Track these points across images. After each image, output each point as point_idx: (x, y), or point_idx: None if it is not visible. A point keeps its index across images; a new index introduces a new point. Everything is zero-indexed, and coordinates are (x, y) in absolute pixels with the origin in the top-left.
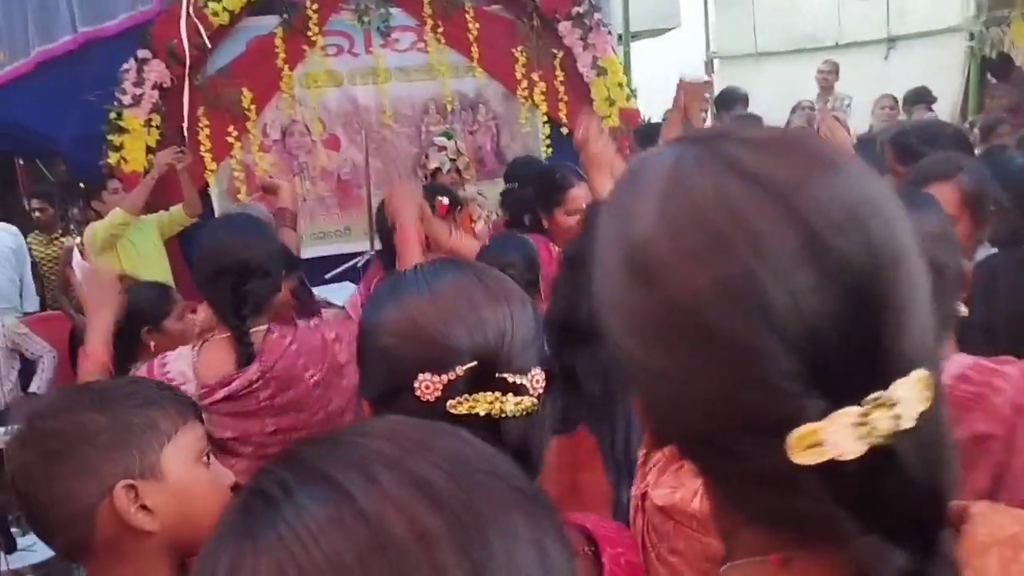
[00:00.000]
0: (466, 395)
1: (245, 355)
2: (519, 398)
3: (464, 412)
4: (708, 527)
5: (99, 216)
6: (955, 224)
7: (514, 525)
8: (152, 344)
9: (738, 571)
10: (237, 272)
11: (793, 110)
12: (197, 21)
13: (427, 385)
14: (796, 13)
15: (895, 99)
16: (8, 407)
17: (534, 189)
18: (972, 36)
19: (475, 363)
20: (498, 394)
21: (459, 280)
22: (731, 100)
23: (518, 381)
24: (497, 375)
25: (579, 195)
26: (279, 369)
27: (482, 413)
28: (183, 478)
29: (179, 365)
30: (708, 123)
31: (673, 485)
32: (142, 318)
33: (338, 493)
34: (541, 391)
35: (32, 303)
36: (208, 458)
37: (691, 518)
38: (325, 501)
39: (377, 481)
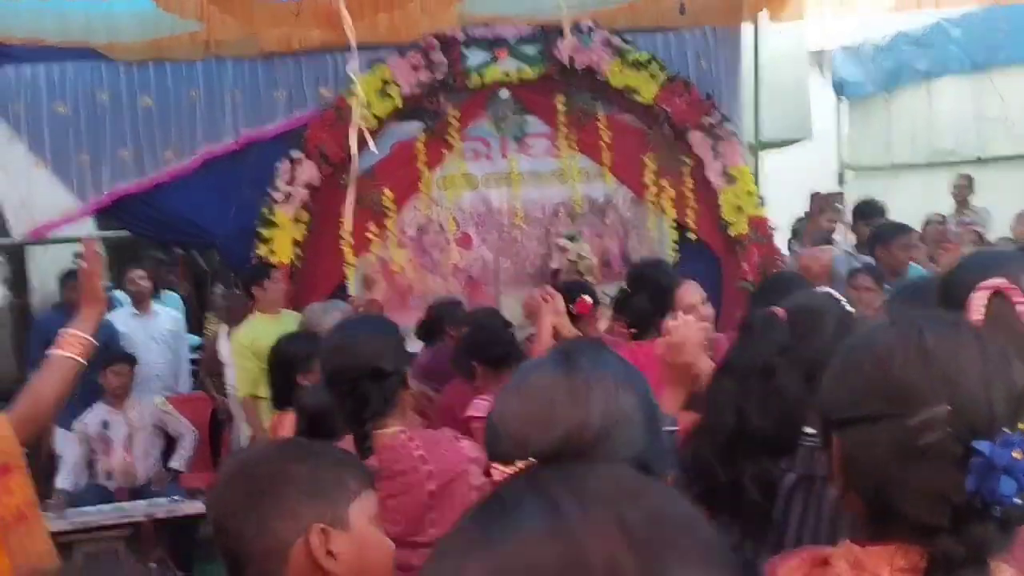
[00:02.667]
0: None
1: (362, 455)
2: None
3: None
4: None
5: (252, 301)
6: None
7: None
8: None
9: None
10: (356, 375)
11: (926, 223)
12: (358, 128)
13: (496, 473)
14: (934, 126)
15: None
16: (150, 481)
17: (646, 294)
18: None
19: (533, 460)
20: None
21: (548, 376)
22: (869, 211)
23: None
24: None
25: (686, 292)
26: (396, 470)
27: None
28: (364, 533)
29: None
30: (844, 233)
31: None
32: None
33: (555, 513)
34: None
35: (186, 384)
36: (378, 523)
37: None
38: (542, 517)
39: (589, 512)
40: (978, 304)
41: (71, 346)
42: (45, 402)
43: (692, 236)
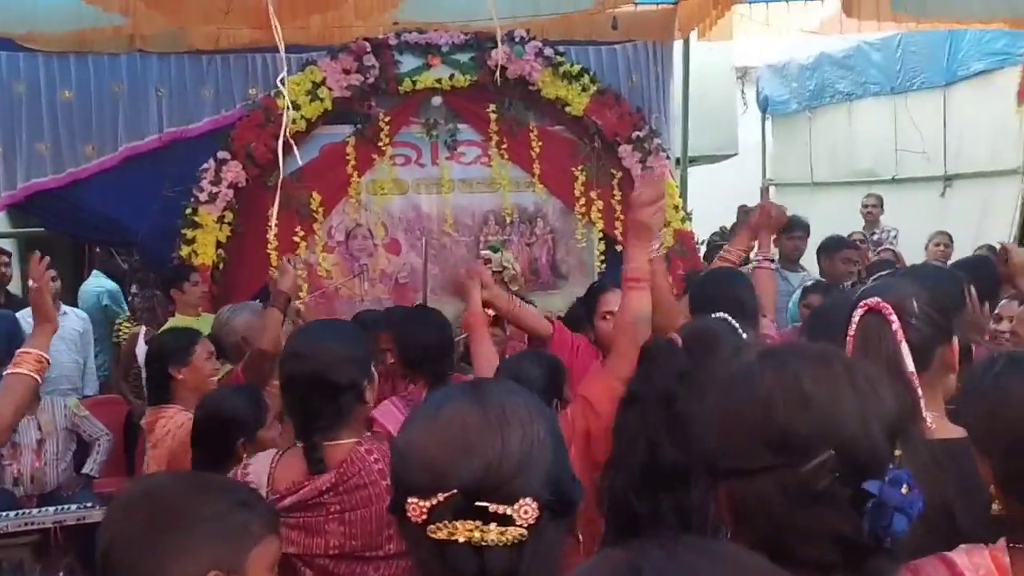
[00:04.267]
0: (447, 521)
1: (314, 468)
2: (504, 528)
3: (444, 538)
4: None
5: (172, 304)
6: None
7: None
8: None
9: None
10: (308, 384)
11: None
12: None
13: (414, 508)
14: (854, 146)
15: (949, 236)
16: (60, 487)
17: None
18: None
19: (455, 491)
20: (479, 523)
21: (461, 407)
22: (792, 226)
23: (503, 511)
24: (478, 504)
25: (610, 299)
26: (354, 484)
27: (461, 540)
28: None
29: (258, 468)
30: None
31: None
32: (239, 428)
33: None
34: (532, 521)
35: (93, 387)
36: (276, 573)
37: None
38: None
39: None
40: (854, 320)
41: (27, 364)
42: (4, 421)
43: (619, 247)
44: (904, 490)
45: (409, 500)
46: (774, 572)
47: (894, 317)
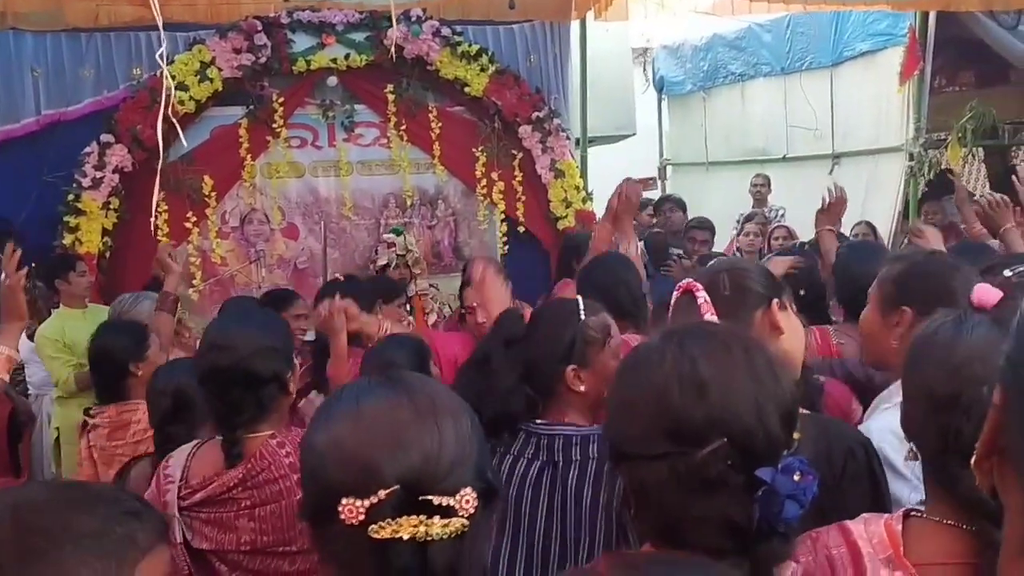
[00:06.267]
0: (389, 520)
1: (230, 461)
2: (447, 520)
3: (387, 536)
4: None
5: (56, 295)
6: None
7: None
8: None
9: None
10: (223, 378)
11: (748, 219)
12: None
13: (350, 509)
14: (747, 126)
15: (871, 226)
16: None
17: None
18: (911, 156)
19: (397, 487)
20: (423, 517)
21: (387, 400)
22: (663, 201)
23: (446, 503)
24: (422, 498)
25: (468, 294)
26: (264, 479)
27: (406, 537)
28: None
29: (177, 460)
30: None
31: None
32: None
33: None
34: (472, 511)
35: None
36: None
37: None
38: None
39: None
40: (672, 303)
41: None
42: None
43: (521, 229)
44: (796, 477)
45: (343, 502)
46: None
47: (701, 293)
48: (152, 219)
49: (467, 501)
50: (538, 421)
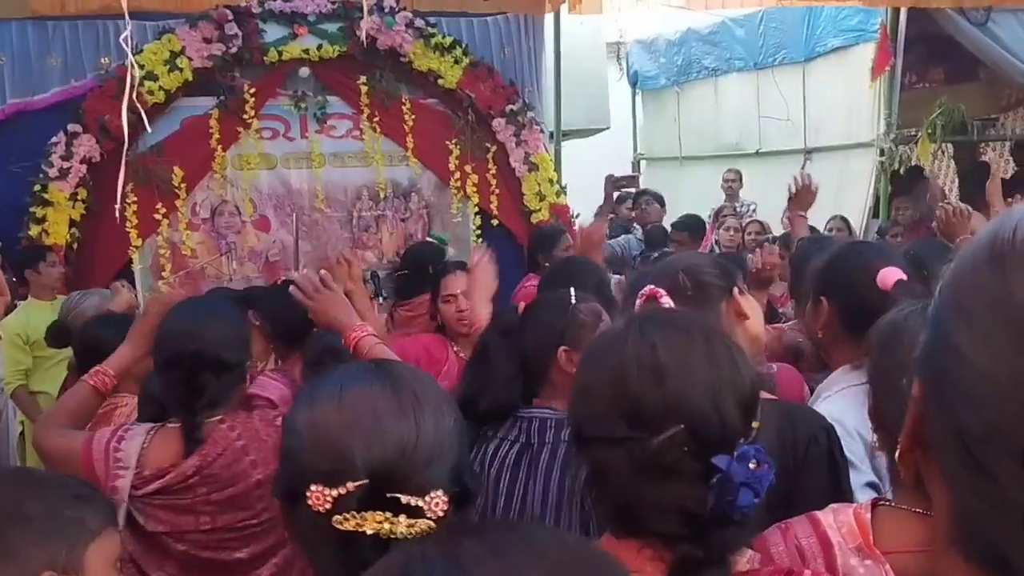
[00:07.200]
0: (355, 512)
1: (189, 447)
2: (413, 520)
3: (350, 529)
4: None
5: (24, 286)
6: None
7: None
8: None
9: None
10: (190, 364)
11: (718, 213)
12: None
13: (318, 496)
14: (720, 121)
15: (845, 220)
16: None
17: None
18: (882, 152)
19: (366, 481)
20: (389, 515)
21: (370, 389)
22: (641, 195)
23: (414, 503)
24: (389, 495)
25: (452, 282)
26: (219, 466)
27: (369, 532)
28: None
29: (131, 447)
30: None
31: None
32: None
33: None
34: (441, 514)
35: None
36: (119, 566)
37: None
38: None
39: None
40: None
41: None
42: None
43: (495, 222)
44: (752, 465)
45: (312, 488)
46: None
47: (665, 297)
48: (118, 209)
49: (436, 504)
50: (531, 407)
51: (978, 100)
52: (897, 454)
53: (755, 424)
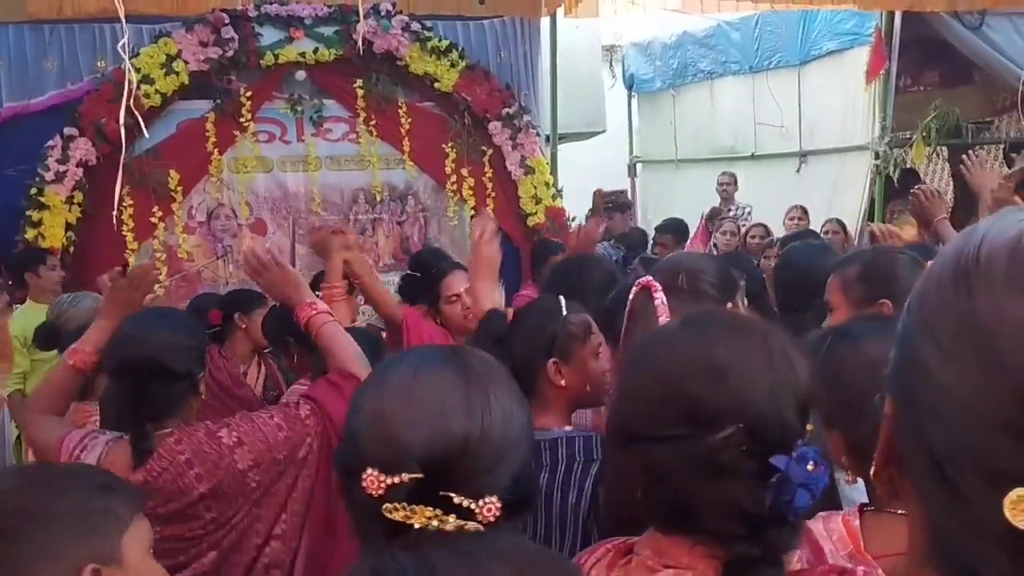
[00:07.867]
0: (405, 503)
1: (138, 459)
2: (463, 522)
3: (398, 519)
4: None
5: (26, 289)
6: None
7: None
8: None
9: None
10: (141, 371)
11: (711, 216)
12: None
13: (372, 480)
14: (716, 124)
15: (804, 209)
16: None
17: (422, 282)
18: (877, 155)
19: (420, 475)
20: (439, 512)
21: (442, 380)
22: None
23: (466, 504)
24: (443, 492)
25: (453, 282)
26: (164, 480)
27: (416, 526)
28: (139, 567)
29: (91, 457)
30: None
31: None
32: None
33: None
34: (492, 519)
35: None
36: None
37: None
38: None
39: None
40: (630, 298)
41: None
42: None
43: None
44: (810, 467)
45: (368, 471)
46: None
47: (659, 293)
48: (115, 213)
49: (489, 509)
50: None
51: (973, 103)
52: (872, 472)
53: (809, 426)
